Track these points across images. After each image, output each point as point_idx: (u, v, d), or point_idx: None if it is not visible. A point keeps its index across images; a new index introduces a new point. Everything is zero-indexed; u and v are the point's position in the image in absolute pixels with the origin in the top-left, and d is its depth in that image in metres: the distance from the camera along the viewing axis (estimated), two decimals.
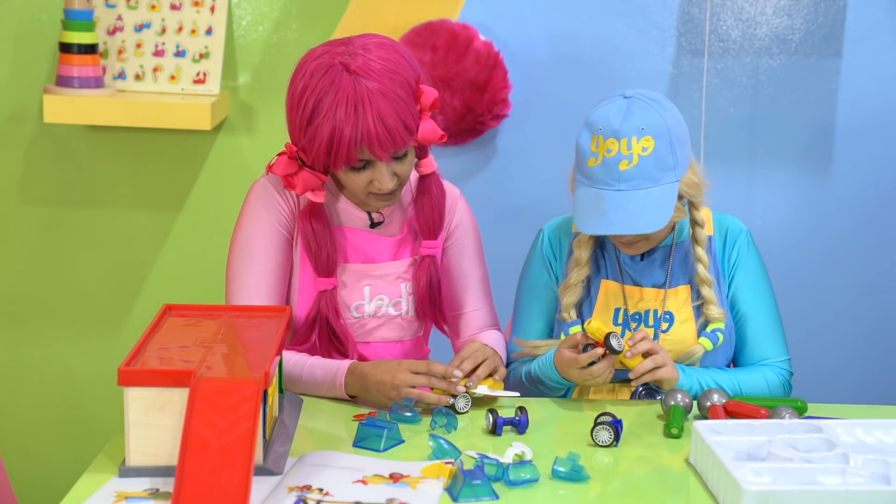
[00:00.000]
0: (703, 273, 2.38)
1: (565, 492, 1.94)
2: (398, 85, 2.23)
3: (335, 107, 2.19)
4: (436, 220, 2.41)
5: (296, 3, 3.21)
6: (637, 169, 2.24)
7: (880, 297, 3.32)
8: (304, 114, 2.23)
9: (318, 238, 2.33)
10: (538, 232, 2.52)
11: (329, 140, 2.21)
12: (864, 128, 3.25)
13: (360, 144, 2.21)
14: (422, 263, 2.41)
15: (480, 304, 2.49)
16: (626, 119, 2.25)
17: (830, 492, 1.82)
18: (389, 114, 2.20)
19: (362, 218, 2.39)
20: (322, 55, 2.25)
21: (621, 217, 2.24)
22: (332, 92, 2.20)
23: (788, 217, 3.29)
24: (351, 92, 2.19)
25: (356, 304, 2.39)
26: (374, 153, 2.22)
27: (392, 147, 2.23)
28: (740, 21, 3.22)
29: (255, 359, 1.99)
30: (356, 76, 2.20)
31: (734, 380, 2.37)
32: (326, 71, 2.22)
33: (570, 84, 3.23)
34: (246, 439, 1.78)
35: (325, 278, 2.35)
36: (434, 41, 3.13)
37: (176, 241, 3.31)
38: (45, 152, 3.27)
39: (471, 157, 3.25)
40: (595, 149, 2.27)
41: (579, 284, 2.41)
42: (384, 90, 2.21)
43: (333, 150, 2.21)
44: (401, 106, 2.22)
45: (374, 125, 2.19)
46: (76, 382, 3.38)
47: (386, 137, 2.21)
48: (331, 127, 2.20)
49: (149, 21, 3.17)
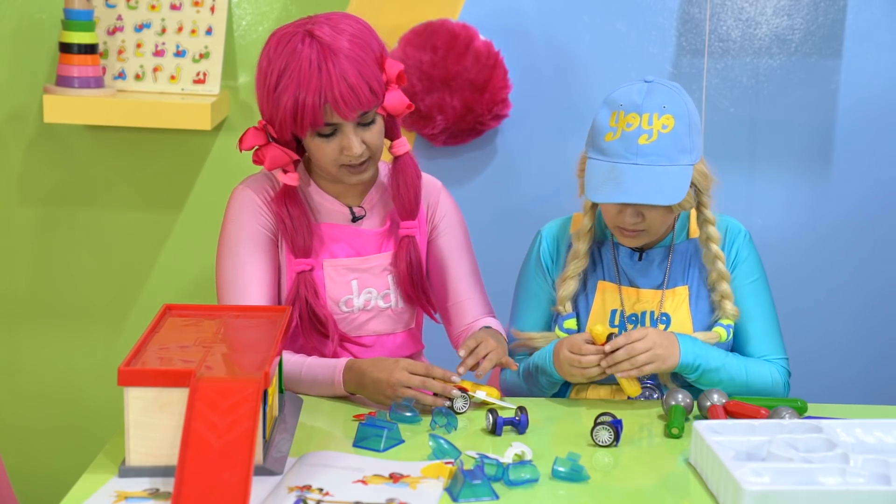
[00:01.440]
0: (721, 269, 2.37)
1: (565, 492, 1.94)
2: (361, 48, 2.26)
3: (298, 70, 2.23)
4: (412, 200, 2.42)
5: (296, 3, 3.21)
6: (656, 145, 2.25)
7: (880, 297, 3.32)
8: (270, 83, 2.26)
9: (293, 220, 2.35)
10: (536, 233, 2.52)
11: (294, 102, 2.23)
12: (864, 128, 3.25)
13: (325, 105, 2.23)
14: (400, 244, 2.42)
15: (472, 292, 2.50)
16: (648, 96, 2.27)
17: (830, 492, 1.82)
18: (352, 73, 2.23)
19: (344, 213, 2.41)
20: (286, 28, 2.30)
21: (637, 188, 2.24)
22: (296, 56, 2.23)
23: (788, 217, 3.29)
24: (314, 54, 2.22)
25: (344, 298, 2.40)
26: (339, 111, 2.23)
27: (357, 105, 2.24)
28: (740, 21, 3.22)
29: (255, 359, 1.99)
30: (319, 39, 2.24)
31: (742, 363, 2.35)
32: (290, 39, 2.26)
33: (570, 84, 3.22)
34: (246, 439, 1.78)
35: (303, 259, 2.36)
36: (434, 41, 3.13)
37: (176, 241, 3.31)
38: (45, 152, 3.27)
39: (471, 157, 3.25)
40: (614, 124, 2.27)
41: (576, 277, 2.41)
42: (346, 52, 2.24)
43: (299, 113, 2.24)
44: (364, 67, 2.25)
45: (338, 83, 2.22)
46: (76, 382, 3.38)
47: (350, 95, 2.23)
48: (295, 89, 2.23)
49: (149, 21, 3.17)
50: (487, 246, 3.19)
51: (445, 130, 3.17)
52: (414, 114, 3.14)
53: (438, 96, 3.13)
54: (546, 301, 2.47)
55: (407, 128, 3.18)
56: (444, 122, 3.15)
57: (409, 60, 3.12)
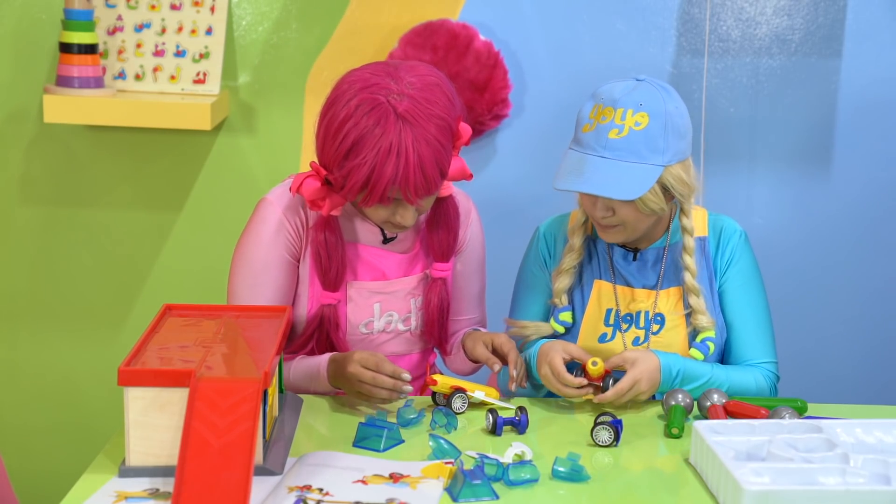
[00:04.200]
0: (689, 282, 2.37)
1: (565, 492, 1.94)
2: (442, 132, 2.20)
3: (378, 149, 2.16)
4: (450, 244, 2.40)
5: (296, 3, 3.21)
6: (625, 140, 2.25)
7: (880, 297, 3.32)
8: (344, 146, 2.18)
9: (329, 250, 2.30)
10: (535, 230, 2.53)
11: (366, 180, 2.17)
12: (864, 128, 3.25)
13: (396, 187, 2.19)
14: (433, 286, 2.39)
15: (474, 313, 2.51)
16: (628, 94, 2.27)
17: (830, 492, 1.82)
18: (430, 163, 2.18)
19: (375, 233, 2.37)
20: (368, 87, 2.20)
21: (594, 179, 2.25)
22: (378, 133, 2.16)
23: (788, 217, 3.29)
24: (395, 137, 2.15)
25: (366, 321, 2.38)
26: (406, 198, 2.20)
27: (426, 193, 2.21)
28: (740, 21, 3.22)
29: (255, 359, 1.99)
30: (403, 121, 2.16)
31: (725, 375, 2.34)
32: (373, 107, 2.17)
33: (569, 84, 3.22)
34: (246, 439, 1.78)
35: (331, 293, 2.34)
36: (434, 41, 3.13)
37: (176, 241, 3.31)
38: (45, 152, 3.27)
39: (471, 157, 3.25)
40: (592, 116, 2.29)
41: (571, 270, 2.42)
42: (429, 138, 2.18)
43: (368, 190, 2.18)
44: (441, 153, 2.20)
45: (414, 174, 2.17)
46: (76, 382, 3.38)
47: (423, 184, 2.19)
48: (370, 168, 2.16)
49: (149, 21, 3.17)
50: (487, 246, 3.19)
51: None
52: None
53: None
54: (544, 295, 2.47)
55: None
56: None
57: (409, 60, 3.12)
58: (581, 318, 2.42)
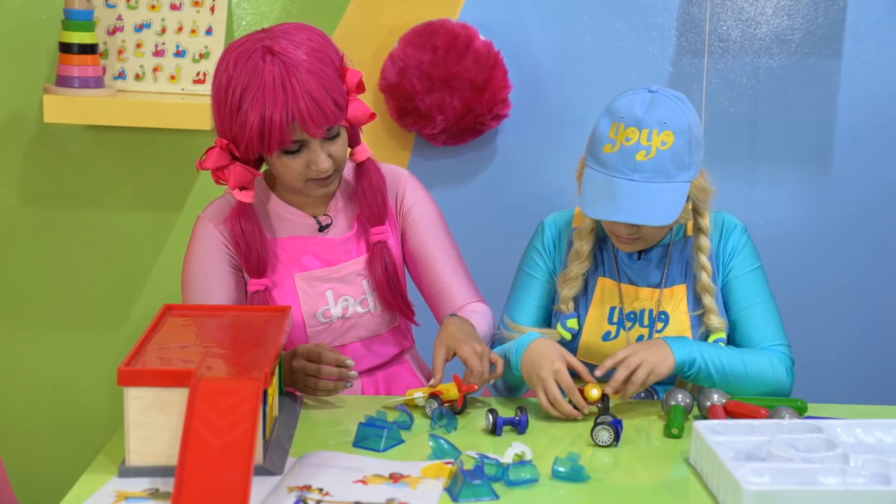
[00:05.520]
0: (705, 281, 2.37)
1: (565, 492, 1.94)
2: (322, 62, 2.23)
3: (262, 89, 2.19)
4: (379, 205, 2.40)
5: (296, 3, 3.21)
6: (654, 161, 2.24)
7: (880, 297, 3.32)
8: (233, 102, 2.22)
9: (247, 238, 2.32)
10: (538, 224, 2.51)
11: (260, 123, 2.20)
12: (865, 128, 3.25)
13: (292, 123, 2.20)
14: (373, 251, 2.40)
15: (455, 277, 2.47)
16: (649, 110, 2.25)
17: (830, 492, 1.82)
18: (317, 89, 2.20)
19: (310, 224, 2.39)
20: (243, 43, 2.25)
21: (632, 207, 2.23)
22: (258, 75, 2.19)
23: (788, 217, 3.29)
24: (276, 72, 2.19)
25: (321, 309, 2.39)
26: (306, 129, 2.21)
27: (324, 121, 2.22)
28: (740, 21, 3.22)
29: (255, 359, 1.99)
30: (279, 56, 2.20)
31: (740, 357, 2.34)
32: (249, 56, 2.21)
33: (570, 84, 3.22)
34: (246, 439, 1.78)
35: (257, 279, 2.35)
36: (434, 41, 3.13)
37: (176, 241, 3.31)
38: (45, 152, 3.27)
39: (471, 157, 3.25)
40: (614, 136, 2.26)
41: (579, 278, 2.41)
42: (309, 67, 2.21)
43: (266, 133, 2.21)
44: (328, 81, 2.22)
45: (304, 101, 2.19)
46: (76, 382, 3.38)
47: (317, 112, 2.20)
48: (260, 109, 2.19)
49: (149, 21, 3.17)
50: (486, 245, 3.19)
51: (445, 130, 3.17)
52: (414, 114, 3.14)
53: (438, 96, 3.13)
54: (541, 285, 2.46)
55: (407, 128, 3.18)
56: (444, 122, 3.15)
57: (409, 60, 3.12)
58: (585, 317, 2.41)
